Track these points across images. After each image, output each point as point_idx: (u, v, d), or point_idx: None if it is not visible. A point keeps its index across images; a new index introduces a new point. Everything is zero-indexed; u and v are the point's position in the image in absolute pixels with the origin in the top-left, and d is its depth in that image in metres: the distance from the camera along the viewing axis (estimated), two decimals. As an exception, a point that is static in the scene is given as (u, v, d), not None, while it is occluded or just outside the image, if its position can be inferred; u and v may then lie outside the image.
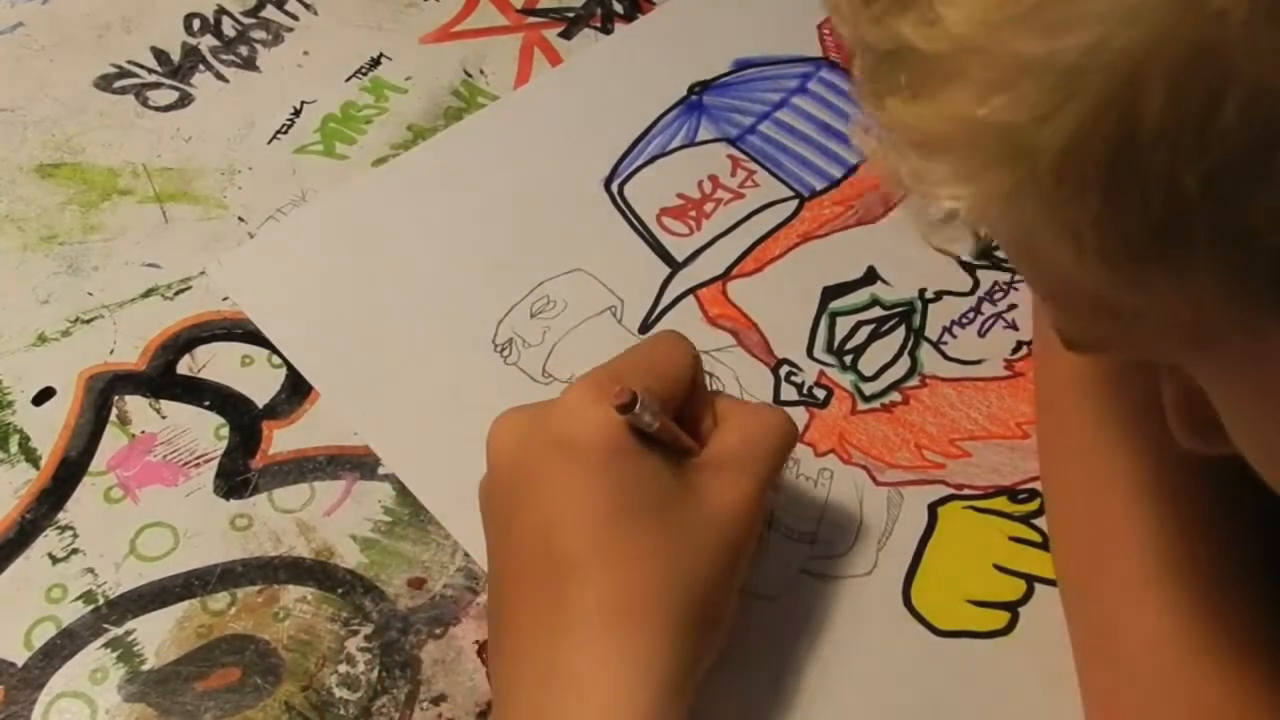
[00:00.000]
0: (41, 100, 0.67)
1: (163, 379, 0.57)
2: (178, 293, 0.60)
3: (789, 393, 0.57)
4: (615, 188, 0.64)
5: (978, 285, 0.61)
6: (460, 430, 0.55)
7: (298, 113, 0.67)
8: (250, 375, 0.58)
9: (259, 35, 0.70)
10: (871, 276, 0.61)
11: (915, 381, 0.58)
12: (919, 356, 0.58)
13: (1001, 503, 0.54)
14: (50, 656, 0.50)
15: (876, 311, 0.60)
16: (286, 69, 0.69)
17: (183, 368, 0.58)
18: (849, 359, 0.58)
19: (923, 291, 0.60)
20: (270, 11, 0.71)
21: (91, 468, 0.55)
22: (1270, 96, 0.22)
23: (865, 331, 0.59)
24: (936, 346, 0.59)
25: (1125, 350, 0.31)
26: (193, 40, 0.70)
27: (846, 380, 0.58)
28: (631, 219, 0.63)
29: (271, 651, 0.50)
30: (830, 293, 0.60)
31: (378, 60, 0.69)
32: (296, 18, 0.71)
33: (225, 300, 0.60)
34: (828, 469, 0.55)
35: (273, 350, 0.58)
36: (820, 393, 0.57)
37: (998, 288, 0.60)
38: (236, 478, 0.55)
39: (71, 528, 0.53)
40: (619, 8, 0.72)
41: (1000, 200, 0.26)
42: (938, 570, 0.52)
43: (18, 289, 0.60)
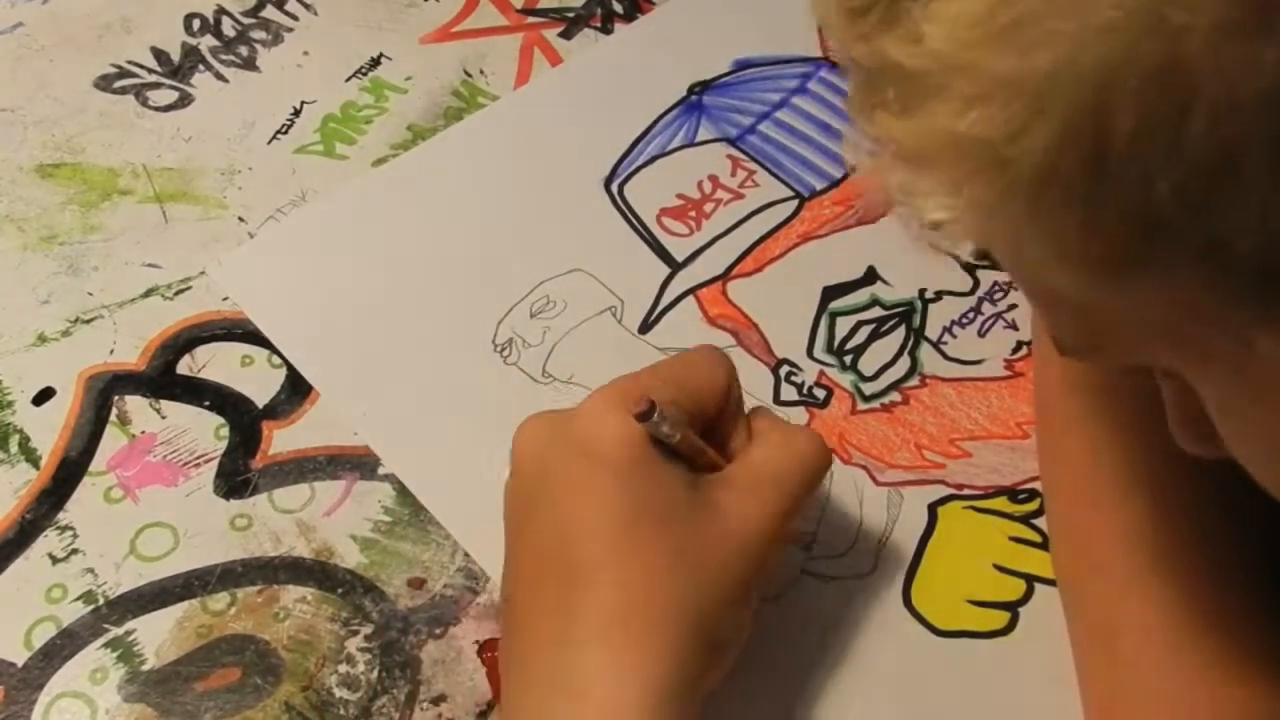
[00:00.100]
0: (41, 100, 0.67)
1: (163, 379, 0.57)
2: (178, 293, 0.60)
3: (789, 393, 0.57)
4: (615, 188, 0.64)
5: (978, 285, 0.61)
6: (460, 430, 0.56)
7: (298, 113, 0.67)
8: (250, 375, 0.58)
9: (259, 35, 0.70)
10: (871, 276, 0.61)
11: (915, 381, 0.58)
12: (919, 356, 0.58)
13: (1001, 503, 0.54)
14: (50, 656, 0.50)
15: (876, 311, 0.60)
16: (286, 69, 0.69)
17: (183, 368, 0.58)
18: (849, 359, 0.58)
19: (923, 291, 0.60)
20: (270, 11, 0.71)
21: (91, 468, 0.55)
22: (1235, 109, 0.22)
23: (865, 331, 0.59)
24: (936, 346, 0.59)
25: (1117, 356, 0.31)
26: (193, 40, 0.70)
27: (846, 380, 0.58)
28: (631, 219, 0.63)
29: (271, 651, 0.50)
30: (830, 293, 0.60)
31: (378, 60, 0.69)
32: (296, 18, 0.71)
33: (225, 300, 0.60)
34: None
35: (273, 350, 0.58)
36: (820, 393, 0.57)
37: (998, 288, 0.60)
38: (236, 478, 0.55)
39: (71, 528, 0.53)
40: (619, 8, 0.72)
41: (985, 211, 0.26)
42: (938, 570, 0.52)
43: (18, 289, 0.60)
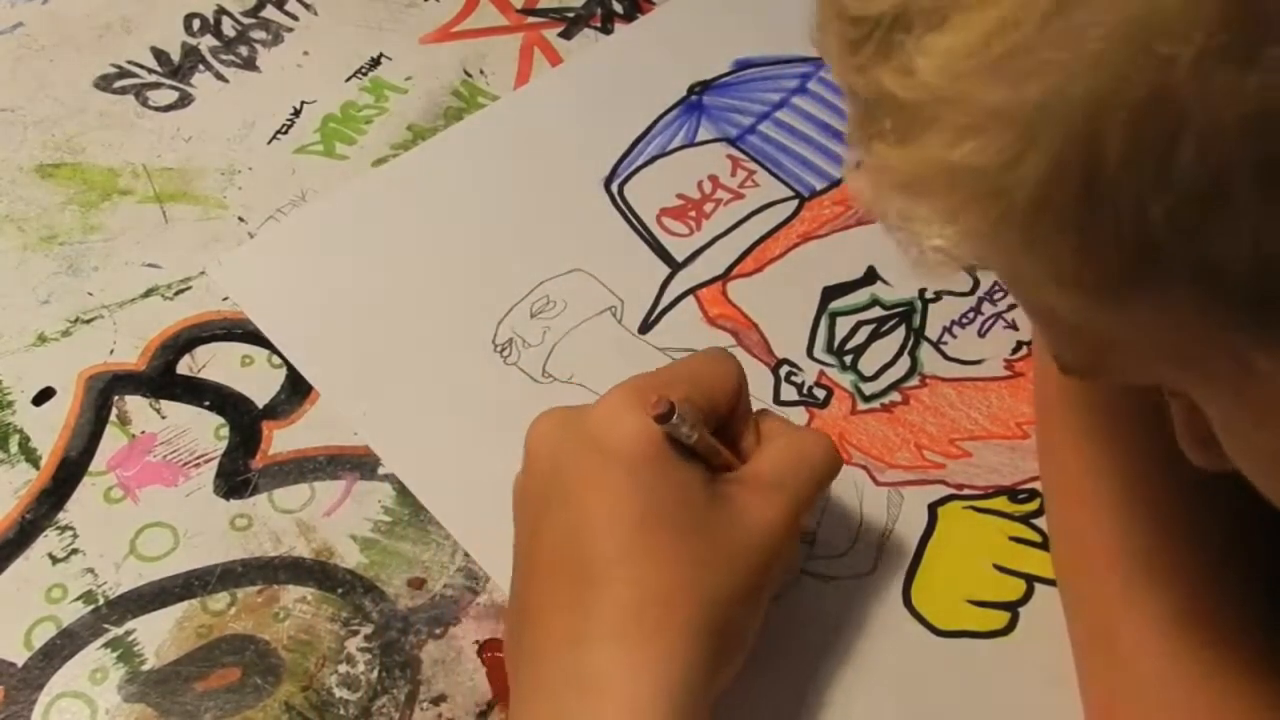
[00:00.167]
0: (41, 100, 0.67)
1: (163, 379, 0.57)
2: (178, 293, 0.60)
3: (789, 393, 0.57)
4: (615, 188, 0.64)
5: (978, 285, 0.61)
6: (460, 430, 0.56)
7: (298, 113, 0.67)
8: (250, 375, 0.58)
9: (259, 35, 0.70)
10: (871, 276, 0.61)
11: (915, 381, 0.58)
12: (919, 356, 0.58)
13: (1001, 503, 0.54)
14: (50, 656, 0.50)
15: (876, 311, 0.60)
16: (286, 69, 0.69)
17: (183, 368, 0.58)
18: (849, 359, 0.58)
19: (923, 291, 0.60)
20: (270, 11, 0.71)
21: (91, 468, 0.55)
22: (1224, 136, 0.23)
23: (865, 331, 0.59)
24: (936, 346, 0.59)
25: (1118, 375, 0.32)
26: (193, 40, 0.70)
27: (846, 380, 0.58)
28: (631, 219, 0.63)
29: (271, 651, 0.50)
30: (830, 293, 0.60)
31: (378, 60, 0.69)
32: (296, 18, 0.71)
33: (225, 300, 0.60)
34: (828, 469, 0.55)
35: (273, 350, 0.58)
36: (820, 393, 0.57)
37: (998, 288, 0.60)
38: (236, 478, 0.55)
39: (71, 528, 0.53)
40: (619, 8, 0.72)
41: (982, 238, 0.27)
42: (938, 570, 0.52)
43: (18, 289, 0.60)
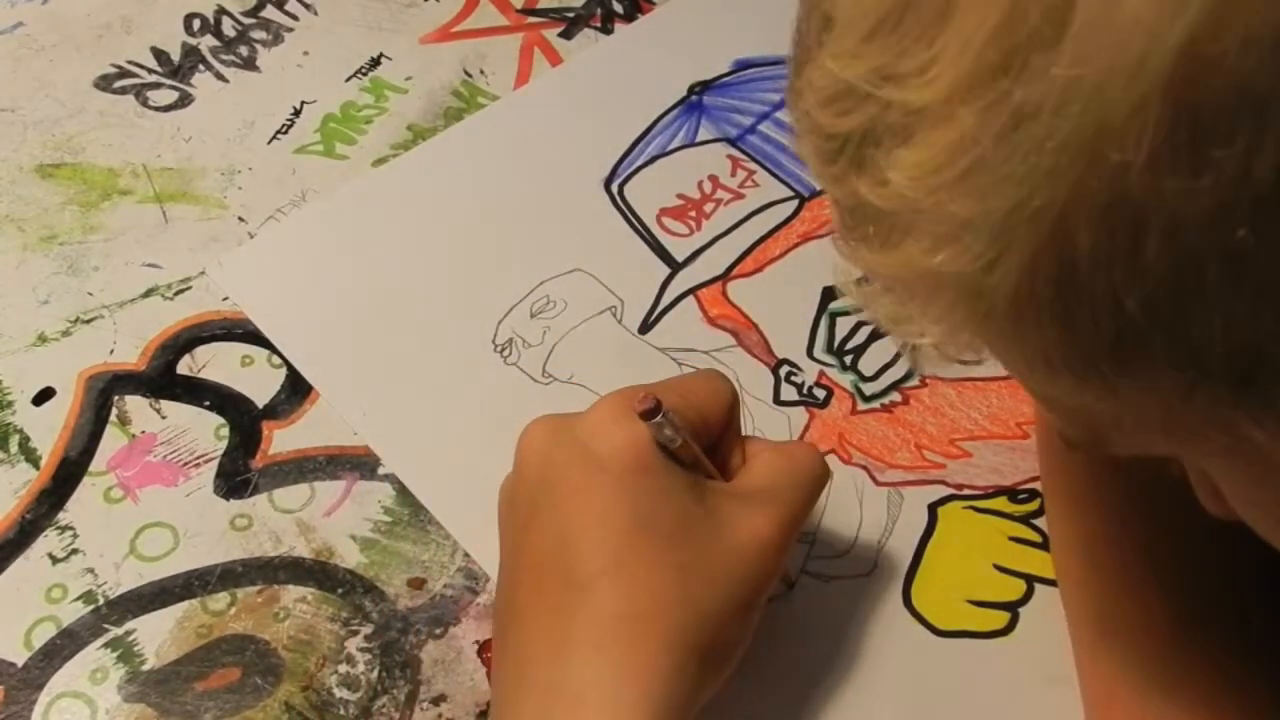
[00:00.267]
0: (41, 100, 0.67)
1: (163, 379, 0.57)
2: (178, 293, 0.60)
3: (789, 393, 0.57)
4: (615, 188, 0.64)
5: (978, 285, 0.61)
6: (460, 430, 0.56)
7: (298, 113, 0.67)
8: (250, 375, 0.58)
9: (259, 35, 0.70)
10: (871, 276, 0.61)
11: (915, 381, 0.58)
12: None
13: (1001, 503, 0.54)
14: (50, 656, 0.50)
15: (876, 311, 0.60)
16: (286, 69, 0.69)
17: (183, 368, 0.58)
18: (849, 359, 0.58)
19: (923, 291, 0.60)
20: (270, 11, 0.71)
21: (91, 468, 0.55)
22: (1187, 230, 0.23)
23: (865, 331, 0.59)
24: (936, 346, 0.59)
25: (1122, 448, 0.32)
26: (193, 40, 0.70)
27: (846, 380, 0.58)
28: (631, 219, 0.63)
29: (271, 651, 0.50)
30: (830, 293, 0.60)
31: (378, 60, 0.69)
32: (296, 18, 0.71)
33: (225, 300, 0.60)
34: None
35: (273, 350, 0.58)
36: (820, 393, 0.57)
37: (998, 288, 0.60)
38: (236, 478, 0.55)
39: (71, 528, 0.53)
40: (619, 8, 0.72)
41: (970, 333, 0.28)
42: (938, 570, 0.52)
43: (18, 289, 0.60)
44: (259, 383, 0.57)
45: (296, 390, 0.57)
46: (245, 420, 0.56)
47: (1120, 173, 0.23)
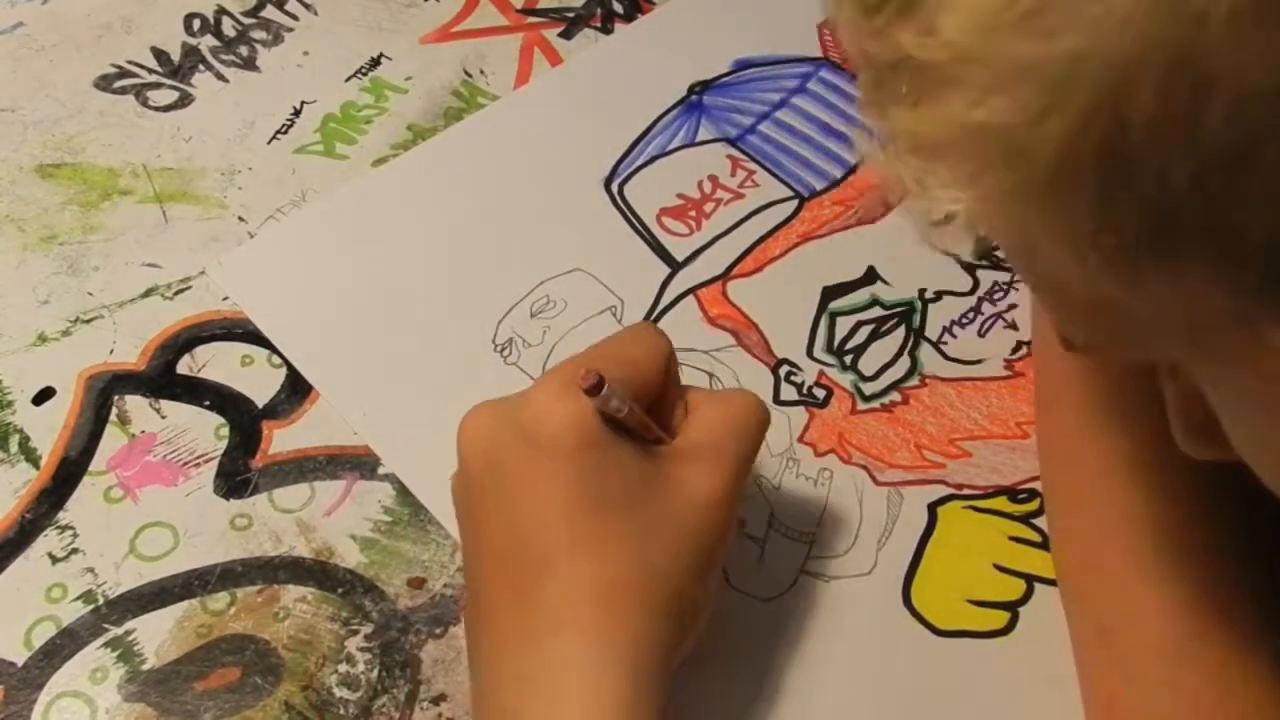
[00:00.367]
0: (41, 100, 0.67)
1: (163, 379, 0.57)
2: (178, 293, 0.60)
3: (789, 393, 0.57)
4: (615, 188, 0.64)
5: (978, 285, 0.61)
6: (460, 430, 0.56)
7: (298, 113, 0.67)
8: (250, 375, 0.58)
9: (259, 35, 0.70)
10: (871, 276, 0.61)
11: (915, 381, 0.58)
12: (919, 356, 0.58)
13: (1001, 503, 0.54)
14: (50, 656, 0.50)
15: (876, 311, 0.60)
16: (286, 69, 0.69)
17: (183, 368, 0.58)
18: (849, 359, 0.58)
19: (923, 291, 0.60)
20: (270, 11, 0.71)
21: (91, 468, 0.55)
22: (1253, 97, 0.23)
23: (865, 331, 0.59)
24: (936, 346, 0.59)
25: (1124, 350, 0.31)
26: (193, 40, 0.70)
27: (846, 380, 0.58)
28: (631, 219, 0.63)
29: (271, 651, 0.50)
30: (830, 293, 0.60)
31: (378, 60, 0.69)
32: (296, 18, 0.71)
33: (225, 300, 0.60)
34: (828, 469, 0.55)
35: (273, 350, 0.58)
36: (820, 393, 0.57)
37: (998, 288, 0.60)
38: (236, 478, 0.55)
39: (71, 528, 0.53)
40: (619, 8, 0.72)
41: (999, 202, 0.27)
42: (938, 570, 0.52)
43: (18, 289, 0.60)
44: (259, 383, 0.57)
45: (296, 390, 0.57)
46: (245, 420, 0.56)
47: (1196, 23, 0.22)
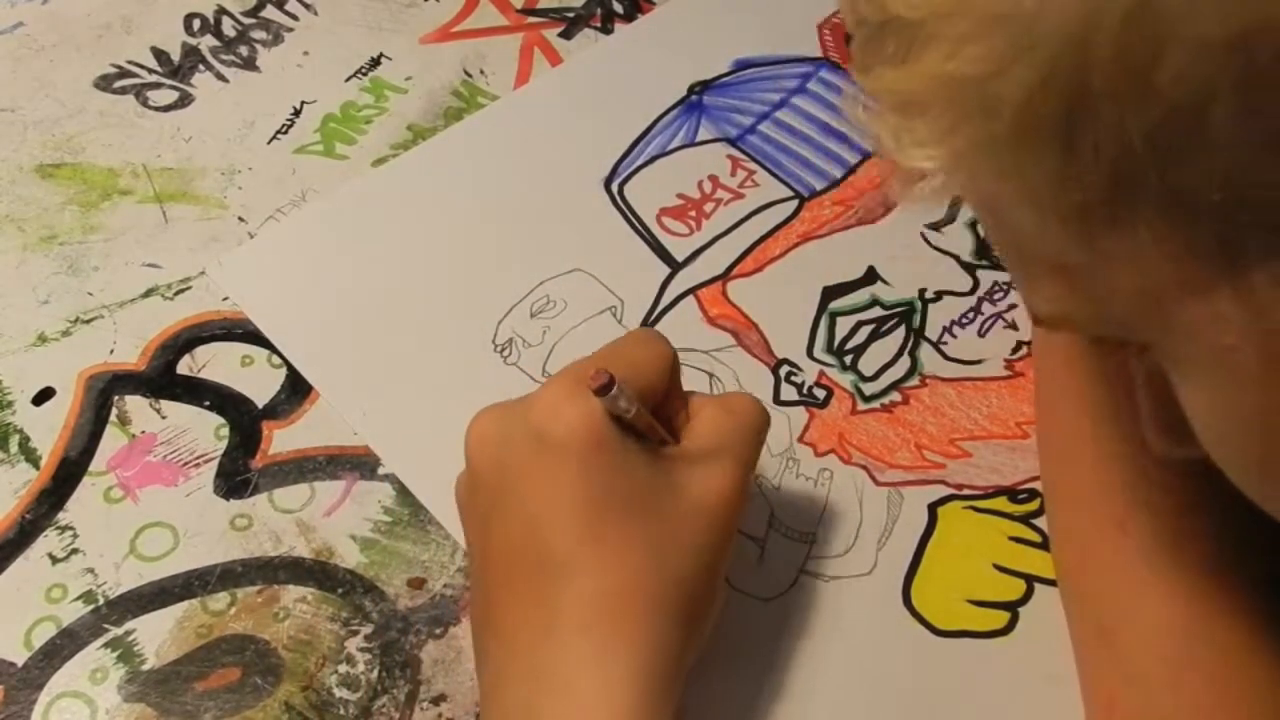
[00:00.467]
0: (41, 100, 0.67)
1: (163, 379, 0.57)
2: (178, 293, 0.60)
3: (789, 393, 0.57)
4: (615, 188, 0.64)
5: (978, 285, 0.61)
6: (460, 430, 0.55)
7: (298, 113, 0.67)
8: (250, 375, 0.58)
9: (259, 35, 0.70)
10: (871, 276, 0.61)
11: (915, 381, 0.58)
12: (919, 356, 0.58)
13: (1001, 503, 0.54)
14: (50, 656, 0.50)
15: (876, 311, 0.60)
16: (286, 69, 0.69)
17: (183, 368, 0.58)
18: (849, 359, 0.58)
19: (923, 291, 0.60)
20: (270, 11, 0.71)
21: (91, 468, 0.55)
22: (1205, 53, 0.24)
23: (865, 331, 0.59)
24: (936, 346, 0.59)
25: (1088, 324, 0.32)
26: (193, 40, 0.70)
27: (846, 380, 0.58)
28: (631, 219, 0.63)
29: (271, 651, 0.50)
30: (830, 293, 0.60)
31: (378, 60, 0.69)
32: (296, 18, 0.71)
33: (225, 300, 0.60)
34: (828, 469, 0.55)
35: (273, 350, 0.58)
36: (820, 393, 0.57)
37: (998, 288, 0.60)
38: (236, 478, 0.55)
39: (71, 528, 0.53)
40: (619, 8, 0.72)
41: (969, 159, 0.28)
42: (938, 570, 0.52)
43: (18, 289, 0.60)
44: (259, 383, 0.57)
45: (296, 390, 0.57)
46: (245, 420, 0.56)
47: None
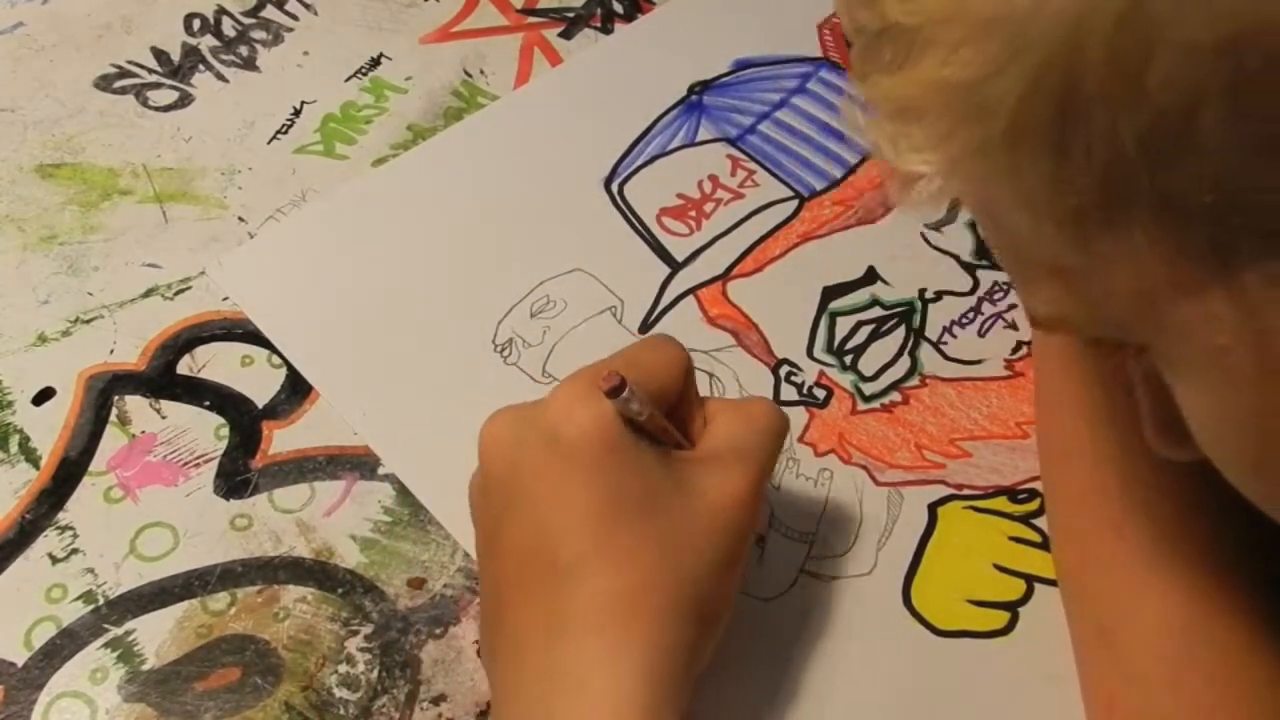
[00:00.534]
0: (41, 100, 0.67)
1: (163, 379, 0.57)
2: (178, 293, 0.60)
3: (789, 393, 0.57)
4: (615, 188, 0.64)
5: (978, 285, 0.61)
6: (460, 430, 0.55)
7: (298, 113, 0.67)
8: (250, 375, 0.58)
9: (259, 35, 0.70)
10: (871, 276, 0.61)
11: (915, 381, 0.58)
12: (919, 356, 0.58)
13: (1001, 503, 0.54)
14: (50, 656, 0.50)
15: (876, 311, 0.60)
16: (286, 69, 0.69)
17: (183, 368, 0.58)
18: (849, 359, 0.58)
19: (923, 291, 0.60)
20: (270, 11, 0.71)
21: (91, 468, 0.55)
22: (1194, 58, 0.24)
23: (865, 331, 0.59)
24: (936, 346, 0.59)
25: (1085, 325, 0.32)
26: (193, 40, 0.70)
27: (846, 380, 0.58)
28: (631, 219, 0.63)
29: (271, 651, 0.50)
30: (830, 293, 0.60)
31: (378, 60, 0.69)
32: (296, 18, 0.71)
33: (225, 300, 0.60)
34: (828, 469, 0.55)
35: (273, 350, 0.58)
36: (820, 393, 0.57)
37: (998, 288, 0.60)
38: (236, 478, 0.55)
39: (71, 528, 0.53)
40: (619, 8, 0.72)
41: (965, 163, 0.28)
42: (938, 570, 0.52)
43: (18, 289, 0.60)
44: (259, 383, 0.57)
45: (296, 390, 0.57)
46: (245, 420, 0.56)
47: None
